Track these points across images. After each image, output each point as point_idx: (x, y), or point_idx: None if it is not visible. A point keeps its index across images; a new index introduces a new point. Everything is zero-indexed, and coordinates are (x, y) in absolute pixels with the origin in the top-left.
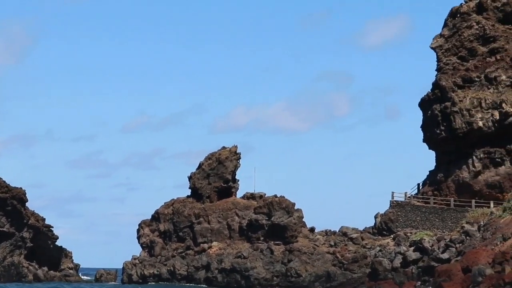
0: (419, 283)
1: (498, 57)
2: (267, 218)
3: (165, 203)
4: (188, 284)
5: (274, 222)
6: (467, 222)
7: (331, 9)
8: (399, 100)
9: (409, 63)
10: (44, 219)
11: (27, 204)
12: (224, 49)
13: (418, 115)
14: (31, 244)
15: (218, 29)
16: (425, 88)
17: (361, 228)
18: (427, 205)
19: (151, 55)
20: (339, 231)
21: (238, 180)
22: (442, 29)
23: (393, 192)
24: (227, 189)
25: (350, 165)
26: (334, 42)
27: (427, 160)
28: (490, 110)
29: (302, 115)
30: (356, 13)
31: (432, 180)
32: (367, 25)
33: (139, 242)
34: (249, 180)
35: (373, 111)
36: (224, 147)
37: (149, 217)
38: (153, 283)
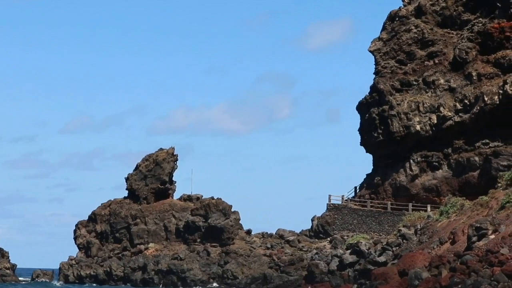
0: (355, 286)
1: (437, 61)
2: (204, 220)
3: (102, 204)
4: (124, 286)
5: (211, 224)
6: (404, 226)
7: (274, 11)
8: (341, 103)
9: (351, 66)
10: None
11: None
12: (165, 50)
13: (358, 119)
14: None
15: (159, 30)
16: (366, 91)
17: (298, 231)
18: (364, 208)
19: (92, 56)
20: (275, 233)
21: (175, 182)
22: (381, 32)
23: (330, 195)
24: (164, 190)
25: (289, 168)
26: (277, 44)
27: (365, 163)
28: (427, 114)
29: (243, 117)
30: (299, 15)
31: (369, 183)
32: (310, 28)
33: (75, 243)
34: (189, 182)
35: (314, 114)
36: (161, 149)
37: (87, 218)
38: (89, 284)
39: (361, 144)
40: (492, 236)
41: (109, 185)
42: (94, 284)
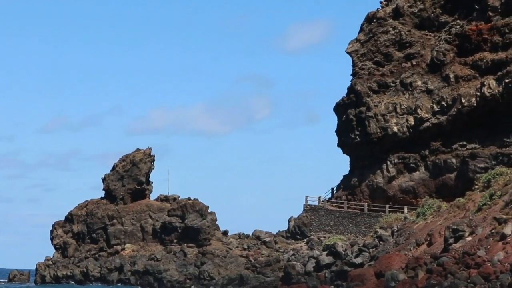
0: (332, 287)
1: (414, 63)
2: (180, 221)
3: (78, 204)
4: (101, 285)
5: (188, 224)
6: (380, 227)
7: (253, 12)
8: (319, 104)
9: (330, 67)
10: None
11: None
12: (143, 50)
13: (336, 120)
14: None
15: (137, 30)
16: (345, 92)
17: (274, 232)
18: (340, 209)
19: (70, 56)
20: (252, 234)
21: (152, 182)
22: (358, 34)
23: (307, 196)
24: (141, 191)
25: (267, 169)
26: (256, 45)
27: (342, 164)
28: (405, 116)
29: (221, 117)
30: (278, 16)
31: (346, 184)
32: (289, 29)
33: (52, 243)
34: (166, 183)
35: (293, 115)
36: (138, 149)
37: (64, 218)
38: (66, 284)
39: (338, 145)
40: (469, 238)
41: (86, 186)
42: (72, 282)
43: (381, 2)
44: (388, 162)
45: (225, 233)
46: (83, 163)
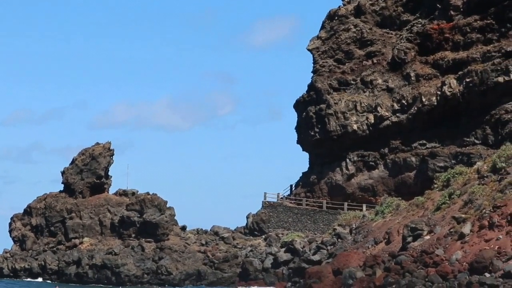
0: (289, 284)
1: (375, 61)
2: (139, 215)
3: (37, 197)
4: (58, 281)
5: (146, 219)
6: (339, 225)
7: (219, 7)
8: (282, 101)
9: (295, 64)
10: None
11: None
12: (107, 44)
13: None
14: None
15: (101, 24)
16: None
17: (233, 228)
18: (299, 206)
19: (33, 49)
20: (210, 230)
21: (111, 176)
22: (320, 31)
23: (265, 193)
24: (99, 185)
25: (228, 165)
26: (220, 41)
27: (301, 161)
28: (365, 114)
29: (184, 113)
30: (243, 12)
31: (305, 181)
32: (253, 25)
33: (10, 236)
34: (128, 177)
35: (256, 112)
36: (98, 143)
37: (23, 211)
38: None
39: (297, 142)
40: (427, 237)
41: (47, 179)
42: (29, 279)
43: (343, 0)
44: (348, 160)
45: (183, 228)
46: (45, 156)
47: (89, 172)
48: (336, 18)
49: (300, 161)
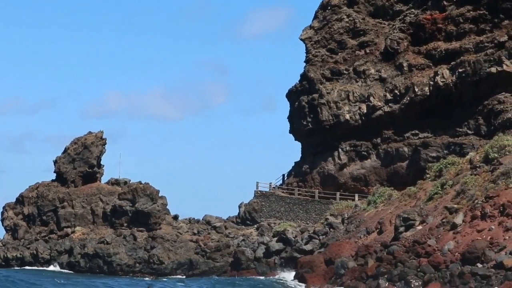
0: (280, 272)
1: (368, 51)
2: (131, 205)
3: (30, 186)
4: (50, 269)
5: (138, 208)
6: (331, 214)
7: (213, 1)
8: (276, 91)
9: (289, 54)
10: None
11: None
12: (101, 34)
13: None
14: None
15: (95, 14)
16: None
17: (225, 217)
18: (291, 196)
19: (26, 37)
20: (202, 219)
21: (103, 166)
22: (312, 21)
23: (257, 182)
24: (92, 174)
25: (220, 155)
26: (214, 31)
27: (294, 151)
28: (357, 103)
29: (177, 103)
30: (236, 2)
31: (297, 171)
32: (247, 15)
33: (2, 225)
34: (120, 166)
35: (250, 102)
36: (90, 132)
37: (15, 200)
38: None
39: (290, 132)
40: (420, 227)
41: (40, 168)
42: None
43: None
44: (340, 150)
45: (175, 217)
46: (38, 145)
47: (81, 161)
48: (329, 8)
49: (293, 150)
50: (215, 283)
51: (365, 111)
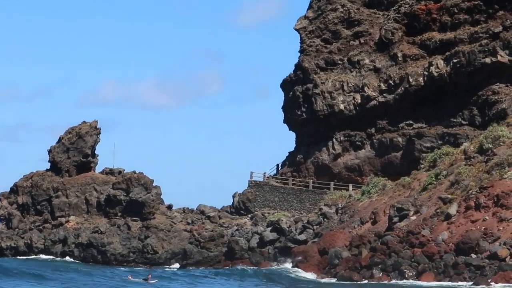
0: (275, 263)
1: (362, 41)
2: (125, 194)
3: (24, 176)
4: (45, 257)
5: (132, 198)
6: (325, 204)
7: None
8: (270, 81)
9: (283, 44)
10: None
11: None
12: (94, 22)
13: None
14: None
15: (89, 2)
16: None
17: (219, 207)
18: (285, 186)
19: (20, 26)
20: (196, 209)
21: (98, 155)
22: (307, 11)
23: (252, 172)
24: (86, 163)
25: (214, 144)
26: (208, 19)
27: (288, 141)
28: (352, 93)
29: (171, 91)
30: None
31: (291, 161)
32: (242, 4)
33: None
34: (115, 156)
35: (243, 91)
36: (84, 122)
37: (9, 189)
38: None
39: (284, 122)
40: (414, 217)
41: (34, 157)
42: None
43: None
44: (334, 140)
45: (169, 207)
46: (32, 134)
47: (75, 150)
48: None
49: (287, 140)
50: (216, 274)
51: (359, 101)
